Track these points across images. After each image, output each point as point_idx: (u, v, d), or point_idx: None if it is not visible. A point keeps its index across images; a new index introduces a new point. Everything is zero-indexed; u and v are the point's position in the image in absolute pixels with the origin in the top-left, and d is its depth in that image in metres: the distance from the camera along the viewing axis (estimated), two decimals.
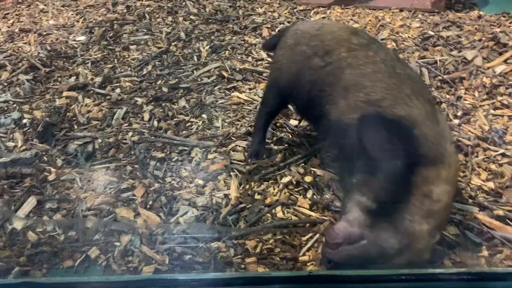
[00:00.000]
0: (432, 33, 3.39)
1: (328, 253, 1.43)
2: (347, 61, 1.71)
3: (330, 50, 1.79)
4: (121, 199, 1.95)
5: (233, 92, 2.82)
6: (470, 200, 1.87)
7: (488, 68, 2.85)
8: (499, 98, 2.58)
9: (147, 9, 4.04)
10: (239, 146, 2.28)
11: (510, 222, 1.75)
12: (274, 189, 1.95)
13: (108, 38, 3.51)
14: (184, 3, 4.19)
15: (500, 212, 1.78)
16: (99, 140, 2.36)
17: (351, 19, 3.81)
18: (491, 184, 1.95)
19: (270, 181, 2.00)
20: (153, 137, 2.36)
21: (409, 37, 3.41)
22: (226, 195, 1.93)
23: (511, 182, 1.96)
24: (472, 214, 1.79)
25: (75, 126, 2.49)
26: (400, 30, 3.53)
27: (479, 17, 3.68)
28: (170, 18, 3.87)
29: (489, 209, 1.80)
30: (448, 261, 1.58)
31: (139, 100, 2.70)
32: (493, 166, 2.08)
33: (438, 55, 3.06)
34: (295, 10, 4.09)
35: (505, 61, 2.90)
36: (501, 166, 2.06)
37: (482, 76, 2.77)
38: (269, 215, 1.81)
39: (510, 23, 3.39)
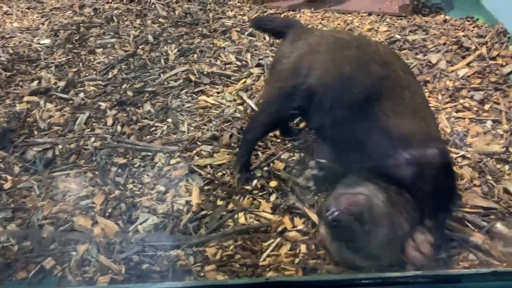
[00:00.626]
0: (399, 36, 3.44)
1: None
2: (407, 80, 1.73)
3: (388, 61, 1.76)
4: (80, 207, 1.90)
5: (200, 96, 2.79)
6: None
7: (452, 71, 2.90)
8: (461, 101, 2.62)
9: (115, 12, 3.98)
10: (204, 150, 2.26)
11: (468, 224, 1.77)
12: (236, 195, 1.93)
13: (74, 42, 3.44)
14: (153, 6, 4.15)
15: (459, 214, 1.80)
16: (60, 146, 2.30)
17: (320, 23, 3.84)
18: None
19: (233, 186, 1.98)
20: (115, 143, 2.31)
21: (376, 40, 3.44)
22: (187, 202, 1.90)
23: (471, 184, 1.99)
24: None
25: (35, 132, 2.42)
26: (368, 33, 3.56)
27: (445, 21, 3.75)
28: (138, 21, 3.82)
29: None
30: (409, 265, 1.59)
31: (103, 105, 2.64)
32: (454, 168, 2.11)
33: (404, 58, 3.10)
34: (265, 13, 4.09)
35: (467, 65, 2.96)
36: (461, 168, 2.09)
37: (445, 79, 2.82)
38: (230, 221, 1.79)
39: (473, 27, 3.46)
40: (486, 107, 2.55)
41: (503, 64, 2.89)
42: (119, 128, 2.44)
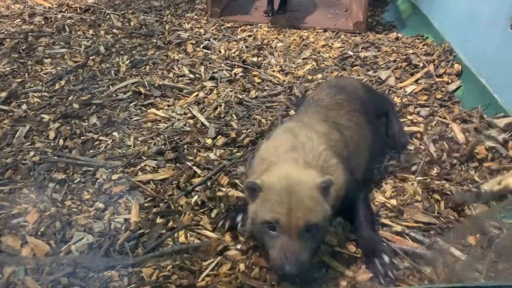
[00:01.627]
0: (351, 53, 3.50)
1: None
2: None
3: None
4: (10, 226, 1.79)
5: (149, 108, 2.73)
6: (373, 217, 1.89)
7: (400, 88, 2.97)
8: (409, 117, 2.67)
9: (68, 21, 3.87)
10: (148, 166, 2.19)
11: (406, 237, 1.79)
12: (177, 212, 1.88)
13: (21, 51, 3.31)
14: (108, 16, 4.06)
15: (398, 228, 1.82)
16: None
17: (277, 38, 3.86)
18: (394, 202, 1.99)
19: (176, 204, 1.92)
20: (56, 157, 2.21)
21: (329, 56, 3.49)
22: (126, 220, 1.83)
23: (412, 199, 2.01)
24: None
25: None
26: (322, 50, 3.61)
27: (397, 39, 3.85)
28: (91, 31, 3.73)
29: (389, 226, 1.84)
30: (343, 281, 1.58)
31: (46, 117, 2.54)
32: (398, 184, 2.13)
33: (355, 75, 3.15)
34: (222, 27, 4.08)
35: (415, 81, 3.04)
36: (405, 182, 2.12)
37: (394, 95, 2.87)
38: (170, 240, 1.73)
39: (423, 45, 3.57)
40: (433, 123, 2.61)
41: (448, 82, 2.99)
42: (61, 142, 2.35)
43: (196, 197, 1.95)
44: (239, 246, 1.66)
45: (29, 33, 3.55)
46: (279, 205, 1.49)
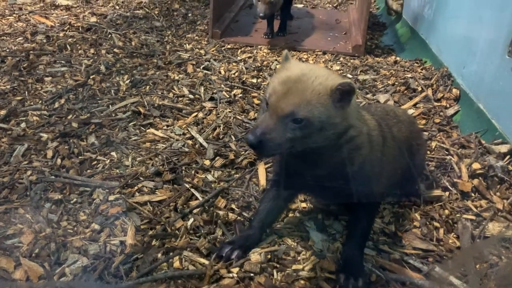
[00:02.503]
0: (350, 76, 3.53)
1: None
2: None
3: None
4: (4, 247, 1.76)
5: (148, 128, 2.73)
6: (371, 243, 1.88)
7: None
8: None
9: (70, 40, 3.91)
10: (146, 187, 2.18)
11: (405, 265, 1.77)
12: (173, 236, 1.86)
13: (22, 69, 3.33)
14: (109, 35, 4.10)
15: (396, 255, 1.80)
16: None
17: (276, 60, 3.90)
18: (392, 227, 1.98)
19: (172, 227, 1.90)
20: (52, 177, 2.20)
21: None
22: (122, 242, 1.81)
23: (411, 225, 2.00)
24: (372, 257, 1.79)
25: None
26: None
27: (395, 62, 3.89)
28: (92, 50, 3.76)
29: (387, 253, 1.82)
30: None
31: (45, 136, 2.53)
32: (396, 209, 2.12)
33: None
34: (222, 48, 4.12)
35: (414, 105, 3.06)
36: (403, 209, 2.10)
37: None
38: (165, 264, 1.71)
39: (421, 69, 3.60)
40: (433, 144, 2.62)
41: (447, 106, 3.01)
42: (59, 161, 2.34)
43: (192, 220, 1.93)
44: (235, 274, 1.63)
45: (31, 51, 3.57)
46: (279, 85, 1.44)
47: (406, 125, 2.06)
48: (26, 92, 3.03)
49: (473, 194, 2.20)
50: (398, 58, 4.00)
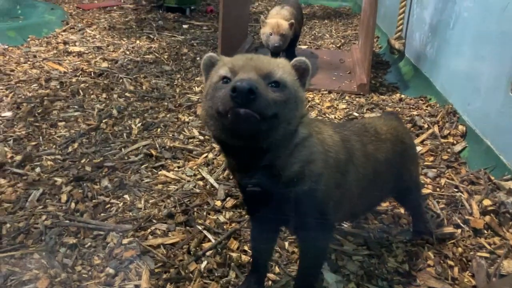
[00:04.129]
0: (356, 114, 3.59)
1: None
2: None
3: None
4: None
5: (160, 170, 2.78)
6: (385, 283, 1.87)
7: None
8: None
9: (82, 85, 4.03)
10: (159, 229, 2.20)
11: None
12: (185, 281, 1.86)
13: (36, 114, 3.42)
14: (121, 80, 4.23)
15: None
16: (8, 225, 2.20)
17: None
18: (406, 266, 1.97)
19: (186, 270, 1.91)
20: (67, 221, 2.23)
21: (335, 117, 3.58)
22: (137, 286, 1.82)
23: (425, 264, 1.99)
24: None
25: None
26: (327, 111, 3.71)
27: (400, 100, 3.96)
28: (104, 95, 3.87)
29: None
30: None
31: (59, 180, 2.58)
32: (410, 248, 2.12)
33: None
34: None
35: (421, 142, 3.09)
36: (415, 247, 2.10)
37: None
38: None
39: (426, 106, 3.66)
40: (442, 181, 2.64)
41: (454, 143, 3.04)
42: (73, 205, 2.38)
43: (206, 262, 1.94)
44: None
45: (45, 97, 3.69)
46: (238, 60, 1.33)
47: (389, 144, 1.87)
48: (41, 137, 3.11)
49: (485, 231, 2.19)
50: (403, 96, 4.07)
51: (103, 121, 3.36)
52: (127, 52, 5.15)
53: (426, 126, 3.27)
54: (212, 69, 1.40)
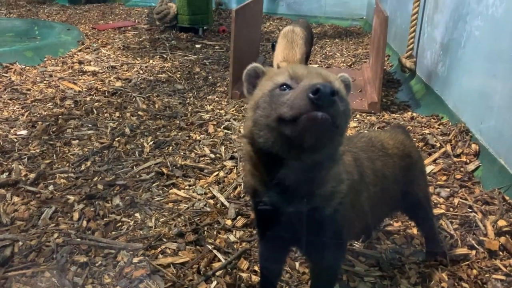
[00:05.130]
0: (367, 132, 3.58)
1: None
2: None
3: None
4: None
5: (171, 189, 2.79)
6: None
7: None
8: None
9: (96, 104, 4.10)
10: (169, 248, 2.20)
11: None
12: None
13: (51, 133, 3.48)
14: (134, 99, 4.29)
15: None
16: (20, 243, 2.22)
17: None
18: None
19: None
20: (78, 239, 2.25)
21: None
22: None
23: (438, 286, 1.95)
24: None
25: None
26: None
27: (412, 118, 3.94)
28: (117, 114, 3.92)
29: None
30: None
31: (71, 198, 2.61)
32: (423, 269, 2.08)
33: None
34: (242, 108, 4.25)
35: (434, 161, 3.06)
36: (429, 269, 2.06)
37: None
38: None
39: (438, 125, 3.64)
40: (455, 201, 2.60)
41: (467, 162, 3.00)
42: (84, 223, 2.39)
43: (215, 283, 1.93)
44: None
45: (60, 116, 3.75)
46: (296, 69, 1.28)
47: (396, 159, 1.86)
48: (55, 156, 3.16)
49: (501, 253, 2.15)
50: (414, 114, 4.05)
51: (116, 139, 3.40)
52: (141, 72, 5.23)
53: (438, 144, 3.25)
54: (256, 80, 1.38)
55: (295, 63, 4.33)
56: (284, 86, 1.23)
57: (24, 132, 3.47)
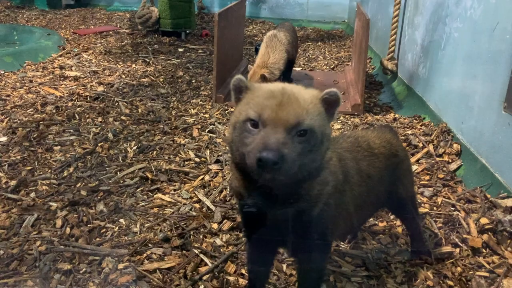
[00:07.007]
0: None
1: None
2: None
3: None
4: None
5: (156, 193, 2.76)
6: None
7: None
8: None
9: (78, 109, 4.04)
10: (155, 253, 2.18)
11: None
12: None
13: (32, 139, 3.42)
14: (116, 104, 4.25)
15: None
16: (1, 252, 2.17)
17: None
18: (405, 287, 1.95)
19: None
20: (62, 246, 2.21)
21: None
22: None
23: (424, 284, 1.97)
24: None
25: None
26: None
27: (395, 119, 3.99)
28: (100, 119, 3.87)
29: None
30: None
31: (54, 205, 2.56)
32: (408, 268, 2.10)
33: None
34: (226, 111, 4.24)
35: (417, 161, 3.10)
36: (414, 267, 2.08)
37: None
38: None
39: (420, 125, 3.69)
40: (439, 200, 2.63)
41: (449, 161, 3.05)
42: (68, 230, 2.35)
43: (202, 287, 1.91)
44: None
45: (41, 122, 3.69)
46: (267, 100, 1.29)
47: (382, 158, 1.87)
48: (36, 162, 3.10)
49: (484, 250, 2.18)
50: (397, 115, 4.10)
51: (99, 144, 3.35)
52: (123, 76, 5.18)
53: (421, 145, 3.29)
54: (241, 94, 1.42)
55: (273, 68, 4.33)
56: (253, 122, 1.28)
57: (4, 139, 3.39)
